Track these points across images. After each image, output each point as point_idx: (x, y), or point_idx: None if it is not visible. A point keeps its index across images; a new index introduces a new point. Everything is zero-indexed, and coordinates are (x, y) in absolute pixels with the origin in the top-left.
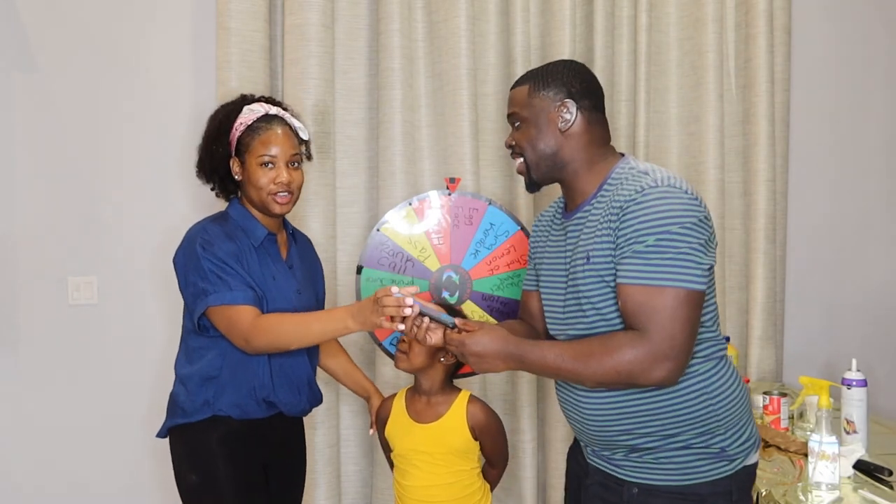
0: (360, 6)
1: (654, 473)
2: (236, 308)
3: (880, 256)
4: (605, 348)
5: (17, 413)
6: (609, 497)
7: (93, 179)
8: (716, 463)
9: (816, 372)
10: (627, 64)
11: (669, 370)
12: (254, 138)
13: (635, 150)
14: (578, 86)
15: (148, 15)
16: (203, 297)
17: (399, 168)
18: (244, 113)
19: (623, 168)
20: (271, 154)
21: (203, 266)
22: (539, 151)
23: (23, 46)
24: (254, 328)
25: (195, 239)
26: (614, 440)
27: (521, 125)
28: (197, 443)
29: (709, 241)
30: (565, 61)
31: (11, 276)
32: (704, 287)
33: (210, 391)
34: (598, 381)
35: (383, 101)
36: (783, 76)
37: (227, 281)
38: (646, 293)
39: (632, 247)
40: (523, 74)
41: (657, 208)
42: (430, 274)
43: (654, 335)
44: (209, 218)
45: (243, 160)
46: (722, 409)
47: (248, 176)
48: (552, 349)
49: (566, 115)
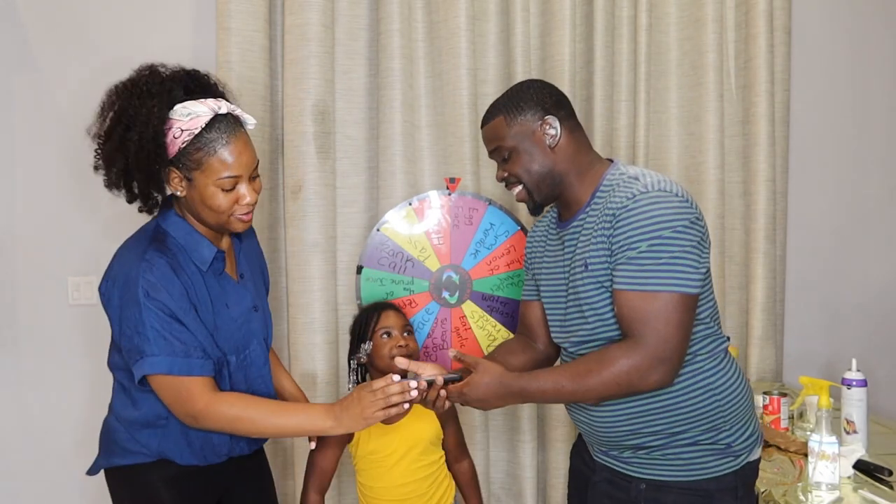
0: (360, 6)
1: (662, 469)
2: (186, 380)
3: (880, 256)
4: (601, 363)
5: (17, 413)
6: (617, 493)
7: (93, 179)
8: (722, 458)
9: (816, 372)
10: (627, 64)
11: (665, 373)
12: (209, 155)
13: (635, 150)
14: (550, 100)
15: (148, 15)
16: (139, 357)
17: (399, 168)
18: (180, 114)
19: (614, 174)
20: (235, 175)
21: (145, 320)
22: (536, 174)
23: (23, 46)
24: (208, 411)
25: (136, 280)
26: (623, 441)
27: (510, 156)
28: (141, 485)
29: (702, 241)
30: (524, 83)
31: (11, 276)
32: (698, 290)
33: (155, 439)
34: (600, 396)
35: (383, 101)
36: (783, 76)
37: (172, 343)
38: (640, 298)
39: (626, 253)
40: (488, 109)
41: (648, 214)
42: (430, 274)
43: (648, 340)
44: (143, 238)
45: (189, 176)
46: (727, 405)
47: (199, 197)
48: (550, 376)
49: (550, 130)
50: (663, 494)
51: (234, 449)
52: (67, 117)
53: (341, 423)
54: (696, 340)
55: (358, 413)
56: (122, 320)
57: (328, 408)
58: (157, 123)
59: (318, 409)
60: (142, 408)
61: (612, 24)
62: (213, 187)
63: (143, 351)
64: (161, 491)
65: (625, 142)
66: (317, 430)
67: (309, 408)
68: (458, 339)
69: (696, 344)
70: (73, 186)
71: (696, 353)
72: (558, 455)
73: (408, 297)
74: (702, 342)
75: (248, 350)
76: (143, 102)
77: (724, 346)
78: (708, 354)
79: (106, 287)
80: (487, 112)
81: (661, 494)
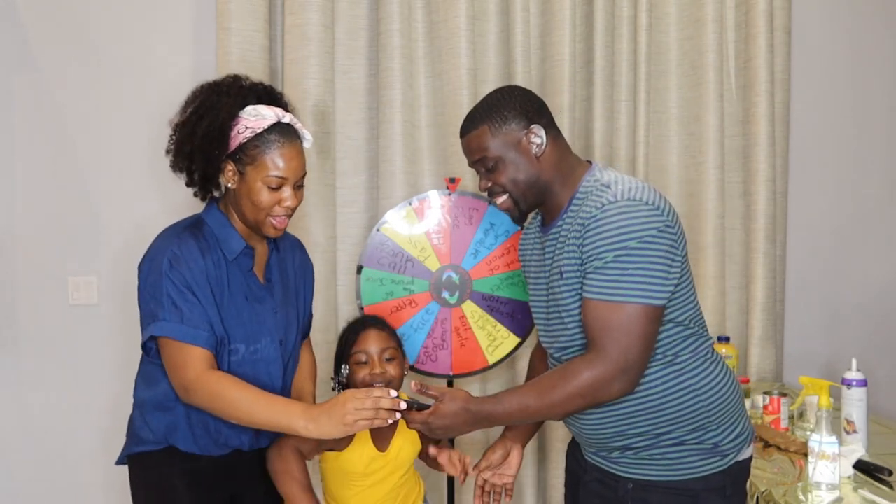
0: (360, 6)
1: (649, 469)
2: (186, 348)
3: (880, 256)
4: (564, 377)
5: (17, 413)
6: (606, 493)
7: (93, 179)
8: (708, 458)
9: (816, 372)
10: (627, 64)
11: (626, 382)
12: (264, 153)
13: (635, 150)
14: (532, 107)
15: (148, 15)
16: (152, 320)
17: (399, 168)
18: (249, 114)
19: (589, 180)
20: (282, 176)
21: (163, 287)
22: (522, 184)
23: (23, 46)
24: (198, 382)
25: (165, 250)
26: (610, 442)
27: (494, 165)
28: (156, 474)
29: (671, 249)
30: (503, 90)
31: (11, 276)
32: (665, 300)
33: (164, 422)
34: (565, 411)
35: (383, 101)
36: (783, 76)
37: (183, 311)
38: (605, 309)
39: (593, 263)
40: (468, 118)
41: (615, 224)
42: (430, 274)
43: (610, 351)
44: (183, 223)
45: (243, 171)
46: (712, 405)
47: (247, 190)
48: (514, 396)
49: (536, 139)
50: (649, 494)
51: (231, 440)
52: (67, 117)
53: (319, 425)
54: (674, 343)
55: (339, 418)
56: (145, 288)
57: (307, 407)
58: (226, 117)
59: (296, 406)
60: (154, 387)
61: (612, 24)
62: (261, 183)
63: (155, 315)
64: (175, 480)
65: (625, 142)
66: (289, 428)
67: (289, 403)
68: (459, 339)
69: (676, 346)
70: (73, 186)
71: (676, 355)
72: (558, 455)
73: (408, 297)
74: (681, 344)
75: (258, 345)
76: (220, 98)
77: (707, 346)
78: (689, 356)
79: (141, 263)
80: (467, 121)
81: (647, 494)
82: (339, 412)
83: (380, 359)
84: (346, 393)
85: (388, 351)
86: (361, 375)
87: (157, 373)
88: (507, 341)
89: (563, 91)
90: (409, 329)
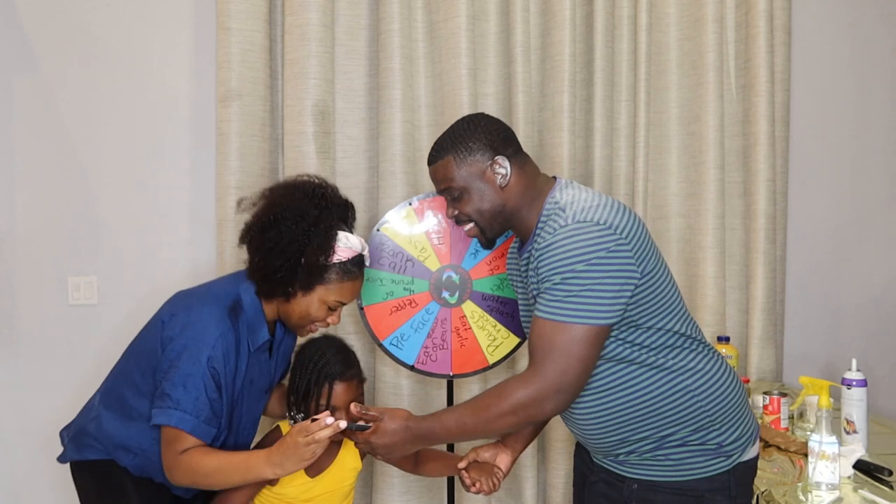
0: (360, 6)
1: (653, 469)
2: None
3: (880, 256)
4: (499, 395)
5: (17, 413)
6: (611, 493)
7: (93, 179)
8: (712, 459)
9: (816, 372)
10: (627, 64)
11: (560, 402)
12: (340, 280)
13: (635, 150)
14: (498, 138)
15: (148, 15)
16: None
17: (399, 168)
18: (342, 243)
19: (550, 202)
20: (343, 303)
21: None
22: (487, 213)
23: (23, 46)
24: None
25: (206, 345)
26: (615, 450)
27: (460, 195)
28: (109, 477)
29: (623, 266)
30: (469, 120)
31: (11, 276)
32: (612, 318)
33: (125, 458)
34: (501, 429)
35: (383, 101)
36: (783, 76)
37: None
38: (548, 327)
39: (544, 284)
40: (435, 147)
41: (563, 248)
42: (430, 274)
43: (546, 371)
44: (225, 301)
45: (311, 285)
46: (712, 406)
47: (307, 302)
48: (451, 414)
49: (500, 170)
50: (654, 494)
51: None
52: (67, 117)
53: (284, 468)
54: (662, 348)
55: (298, 456)
56: (175, 366)
57: (267, 455)
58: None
59: (258, 457)
60: (130, 433)
61: (612, 24)
62: (324, 302)
63: (179, 402)
64: (128, 486)
65: (625, 142)
66: (259, 478)
67: (251, 457)
68: (459, 339)
69: (664, 351)
70: (73, 186)
71: (666, 359)
72: (558, 455)
73: (408, 297)
74: (670, 348)
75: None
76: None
77: (700, 347)
78: (681, 359)
79: (174, 324)
80: (434, 150)
81: (651, 494)
82: (294, 451)
83: (346, 409)
84: (292, 432)
85: (356, 399)
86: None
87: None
88: (508, 341)
89: (563, 91)
90: (409, 329)
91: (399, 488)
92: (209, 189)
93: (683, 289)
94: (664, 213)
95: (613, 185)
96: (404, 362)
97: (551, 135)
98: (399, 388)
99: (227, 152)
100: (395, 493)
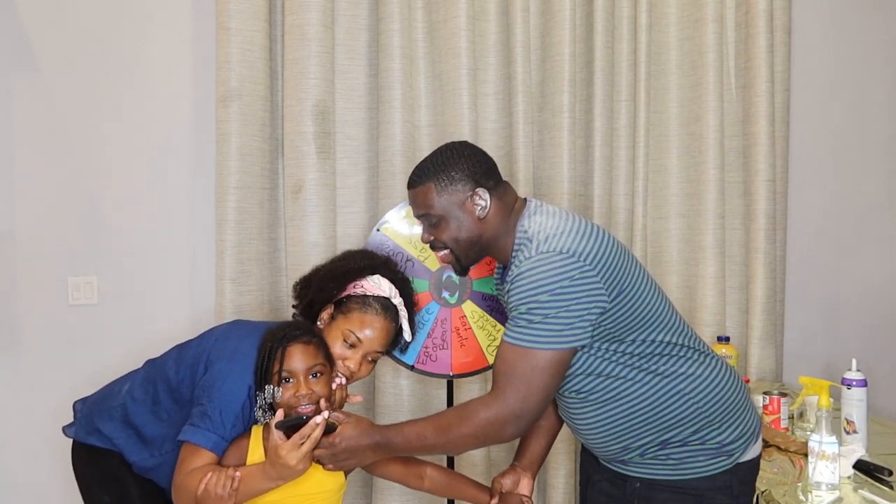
0: (360, 6)
1: (656, 469)
2: (207, 454)
3: (880, 256)
4: (461, 416)
5: (17, 413)
6: (613, 492)
7: (93, 179)
8: (714, 458)
9: (816, 372)
10: (627, 64)
11: (520, 426)
12: (359, 311)
13: (635, 150)
14: (480, 169)
15: (148, 15)
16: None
17: (399, 168)
18: (371, 280)
19: (520, 231)
20: (359, 338)
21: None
22: (463, 242)
23: (23, 46)
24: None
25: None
26: (619, 456)
27: (437, 223)
28: (112, 468)
29: (590, 292)
30: (453, 148)
31: (11, 276)
32: (574, 342)
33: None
34: (462, 448)
35: (383, 101)
36: (783, 76)
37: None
38: (512, 353)
39: (512, 313)
40: (416, 171)
41: (528, 279)
42: (430, 274)
43: (508, 395)
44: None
45: (335, 317)
46: (709, 408)
47: (327, 332)
48: (414, 428)
49: (480, 202)
50: (656, 493)
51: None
52: (67, 117)
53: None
54: (653, 357)
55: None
56: (218, 388)
57: (263, 470)
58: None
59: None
60: (152, 426)
61: (612, 24)
62: (340, 334)
63: (211, 422)
64: (127, 477)
65: (625, 142)
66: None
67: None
68: (459, 339)
69: (655, 358)
70: (73, 186)
71: (659, 366)
72: (558, 455)
73: None
74: (662, 356)
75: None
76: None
77: (694, 351)
78: (673, 364)
79: (220, 350)
80: (415, 175)
81: (653, 493)
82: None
83: (305, 378)
84: (278, 449)
85: (315, 367)
86: (286, 397)
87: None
88: None
89: (563, 91)
90: None
91: (399, 488)
92: (209, 189)
93: (683, 289)
94: (664, 213)
95: (613, 184)
96: (404, 362)
97: (551, 135)
98: (399, 388)
99: (227, 152)
100: (395, 493)
